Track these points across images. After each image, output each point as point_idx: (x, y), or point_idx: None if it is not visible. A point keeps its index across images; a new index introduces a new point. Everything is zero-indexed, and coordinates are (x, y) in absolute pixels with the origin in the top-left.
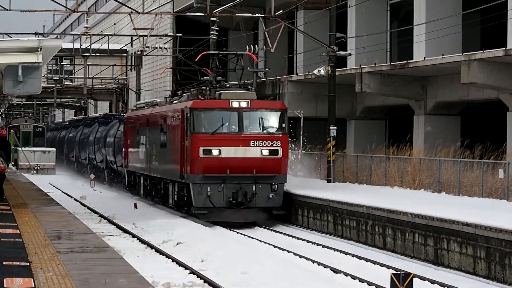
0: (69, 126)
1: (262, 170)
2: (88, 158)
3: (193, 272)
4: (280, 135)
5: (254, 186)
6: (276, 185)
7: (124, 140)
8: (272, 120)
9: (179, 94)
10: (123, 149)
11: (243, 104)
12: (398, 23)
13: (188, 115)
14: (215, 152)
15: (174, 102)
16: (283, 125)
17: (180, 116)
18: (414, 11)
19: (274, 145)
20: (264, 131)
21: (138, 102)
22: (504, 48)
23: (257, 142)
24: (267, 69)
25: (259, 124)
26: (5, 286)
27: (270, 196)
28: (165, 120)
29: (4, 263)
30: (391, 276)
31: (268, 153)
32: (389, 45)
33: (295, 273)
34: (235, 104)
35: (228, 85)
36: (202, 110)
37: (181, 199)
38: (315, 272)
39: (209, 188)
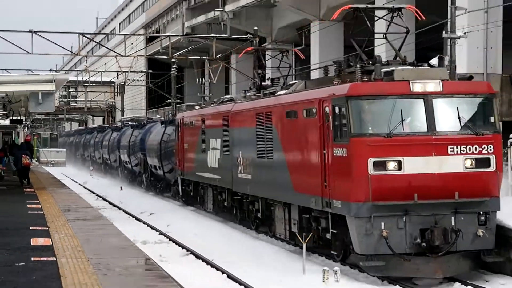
0: (75, 134)
1: (466, 193)
2: (119, 161)
3: (167, 236)
4: (491, 135)
5: (453, 218)
6: (486, 215)
7: (178, 144)
8: (477, 112)
9: (272, 81)
10: (177, 154)
11: (432, 87)
12: (300, 64)
13: (342, 107)
14: (392, 165)
15: (280, 93)
16: (493, 119)
17: (315, 110)
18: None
19: (483, 151)
20: (467, 130)
21: (205, 102)
22: None
23: (458, 147)
24: (210, 94)
25: (458, 118)
26: (31, 244)
27: (479, 233)
28: (268, 119)
29: (30, 227)
30: None
31: (474, 165)
32: (294, 78)
33: None
34: (418, 88)
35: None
36: (368, 98)
37: (301, 231)
38: None
39: (383, 223)
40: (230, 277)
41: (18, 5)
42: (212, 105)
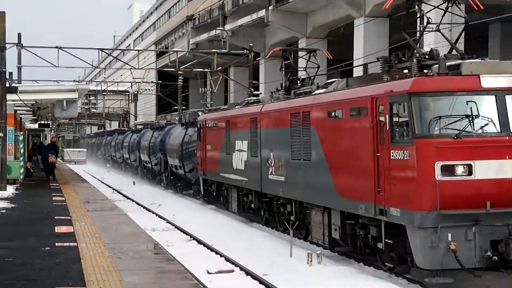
0: (96, 136)
1: None
2: (139, 160)
3: (172, 223)
4: None
5: None
6: None
7: (200, 146)
8: None
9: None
10: (199, 155)
11: (504, 82)
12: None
13: (402, 105)
14: (461, 170)
15: (318, 92)
16: None
17: (366, 109)
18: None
19: None
20: None
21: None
22: None
23: None
24: (212, 102)
25: None
26: (56, 231)
27: None
28: (305, 119)
29: (55, 217)
30: None
31: None
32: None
33: None
34: (489, 83)
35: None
36: (433, 94)
37: (352, 240)
38: None
39: (450, 235)
40: (228, 259)
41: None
42: (236, 107)
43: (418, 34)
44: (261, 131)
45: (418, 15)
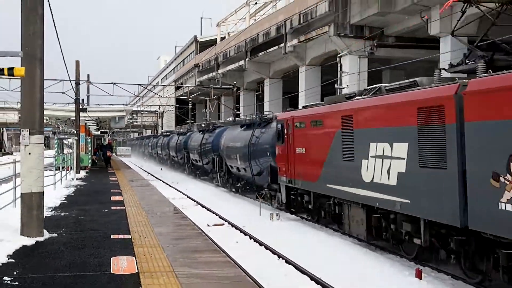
0: (138, 139)
1: None
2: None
3: (187, 195)
4: None
5: None
6: None
7: (284, 148)
8: None
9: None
10: (281, 159)
11: None
12: (259, 103)
13: None
14: None
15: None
16: None
17: None
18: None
19: None
20: None
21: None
22: None
23: None
24: (210, 118)
25: None
26: (111, 199)
27: None
28: None
29: (111, 190)
30: None
31: None
32: None
33: None
34: None
35: None
36: None
37: None
38: None
39: None
40: (220, 217)
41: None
42: (357, 97)
43: (339, 76)
44: (466, 127)
45: (339, 65)
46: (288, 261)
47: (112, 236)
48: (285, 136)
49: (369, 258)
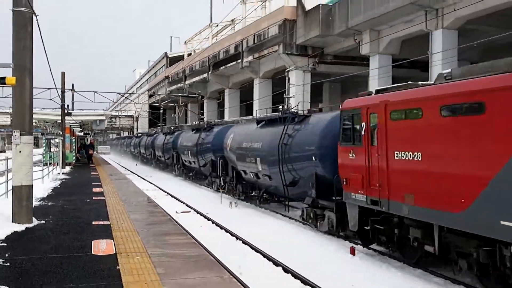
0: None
1: None
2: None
3: (159, 187)
4: None
5: None
6: None
7: (366, 151)
8: None
9: None
10: (354, 169)
11: None
12: (220, 109)
13: None
14: None
15: None
16: None
17: None
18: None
19: None
20: None
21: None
22: None
23: None
24: (178, 122)
25: None
26: (93, 190)
27: None
28: None
29: (92, 183)
30: None
31: None
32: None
33: None
34: None
35: None
36: None
37: None
38: None
39: None
40: (187, 205)
41: (87, 76)
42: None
43: (287, 87)
44: None
45: (287, 78)
46: (244, 242)
47: (93, 223)
48: (363, 133)
49: (317, 240)
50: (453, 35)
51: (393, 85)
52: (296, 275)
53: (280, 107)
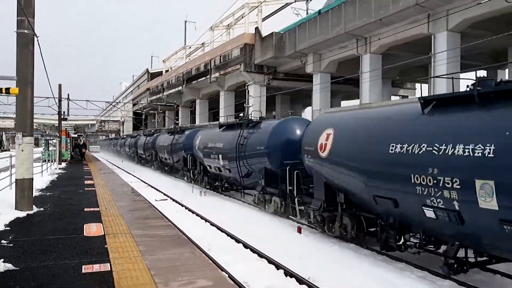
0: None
1: None
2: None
3: (141, 180)
4: None
5: None
6: None
7: None
8: None
9: None
10: None
11: None
12: (192, 116)
13: None
14: None
15: None
16: None
17: None
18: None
19: None
20: None
21: None
22: None
23: None
24: (158, 126)
25: None
26: (85, 183)
27: None
28: None
29: (85, 176)
30: None
31: None
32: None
33: None
34: None
35: None
36: None
37: None
38: None
39: None
40: (165, 194)
41: (81, 85)
42: None
43: (247, 98)
44: None
45: (247, 91)
46: (212, 224)
47: (85, 209)
48: None
49: (269, 219)
50: (378, 58)
51: None
52: (253, 250)
53: (241, 114)
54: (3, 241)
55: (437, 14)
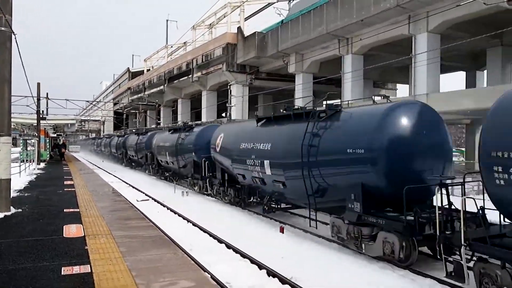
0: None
1: None
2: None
3: (122, 180)
4: None
5: None
6: None
7: None
8: None
9: None
10: None
11: None
12: (174, 115)
13: None
14: None
15: None
16: None
17: None
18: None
19: None
20: None
21: None
22: None
23: None
24: (139, 125)
25: None
26: (64, 183)
27: None
28: None
29: (64, 177)
30: None
31: None
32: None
33: None
34: None
35: None
36: None
37: None
38: None
39: None
40: (146, 194)
41: (61, 85)
42: None
43: (229, 98)
44: None
45: (229, 91)
46: (194, 224)
47: (64, 210)
48: None
49: (253, 221)
50: (359, 59)
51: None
52: (236, 250)
53: (223, 114)
54: None
55: (418, 15)
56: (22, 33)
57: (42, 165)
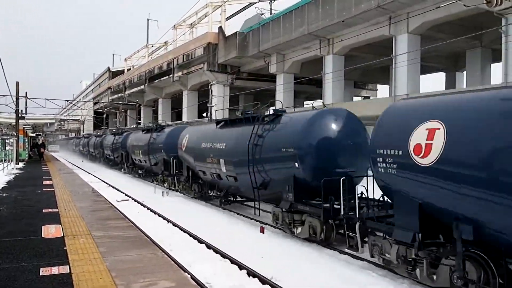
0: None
1: None
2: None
3: (102, 180)
4: None
5: None
6: None
7: None
8: None
9: None
10: None
11: None
12: (155, 115)
13: None
14: None
15: None
16: None
17: None
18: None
19: None
20: None
21: None
22: None
23: None
24: (119, 125)
25: None
26: (43, 183)
27: None
28: None
29: (43, 177)
30: None
31: None
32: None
33: None
34: None
35: None
36: None
37: None
38: None
39: None
40: (126, 195)
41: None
42: None
43: (210, 98)
44: None
45: (210, 90)
46: (174, 224)
47: (43, 210)
48: None
49: (233, 220)
50: (340, 59)
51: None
52: (216, 250)
53: (204, 114)
54: None
55: (398, 16)
56: (21, 33)
57: (21, 165)
